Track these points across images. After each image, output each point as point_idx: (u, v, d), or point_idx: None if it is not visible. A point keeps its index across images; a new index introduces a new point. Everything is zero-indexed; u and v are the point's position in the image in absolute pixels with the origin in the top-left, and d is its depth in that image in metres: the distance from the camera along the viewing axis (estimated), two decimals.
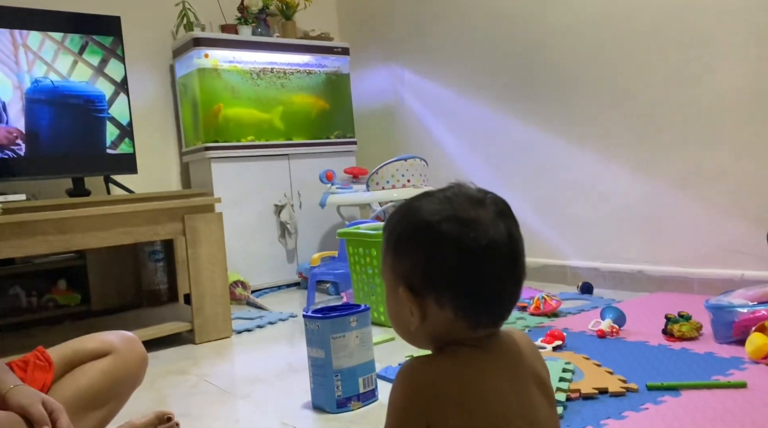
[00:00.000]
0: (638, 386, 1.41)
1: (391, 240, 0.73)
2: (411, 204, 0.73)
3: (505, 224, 0.69)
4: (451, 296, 0.68)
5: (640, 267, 2.51)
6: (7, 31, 2.55)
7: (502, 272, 0.69)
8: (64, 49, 2.69)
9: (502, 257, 0.68)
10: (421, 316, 0.70)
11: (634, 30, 2.44)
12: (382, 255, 0.75)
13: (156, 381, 1.80)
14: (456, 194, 0.71)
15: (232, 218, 2.92)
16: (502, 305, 0.71)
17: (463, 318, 0.69)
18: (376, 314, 2.24)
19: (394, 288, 0.72)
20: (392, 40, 3.56)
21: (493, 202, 0.71)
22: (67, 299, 2.58)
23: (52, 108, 2.67)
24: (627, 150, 2.52)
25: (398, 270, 0.71)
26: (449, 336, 0.71)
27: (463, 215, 0.68)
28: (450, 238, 0.67)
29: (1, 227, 1.87)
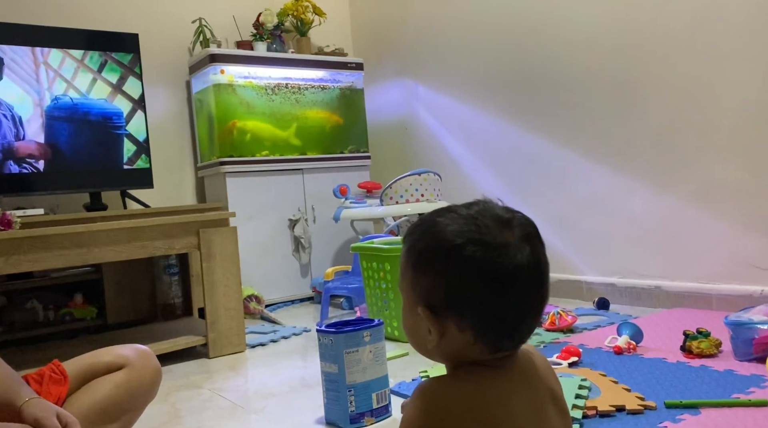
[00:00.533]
0: (656, 404, 1.39)
1: (411, 256, 0.71)
2: (434, 220, 0.70)
3: (531, 248, 0.67)
4: (472, 320, 0.66)
5: (657, 283, 2.47)
6: (29, 49, 2.60)
7: (525, 298, 0.67)
8: (83, 67, 2.74)
9: (526, 283, 0.66)
10: (439, 336, 0.68)
11: (649, 43, 2.44)
12: (401, 268, 0.73)
13: (170, 395, 1.80)
14: (482, 212, 0.69)
15: (247, 232, 2.94)
16: (523, 331, 0.69)
17: (482, 342, 0.67)
18: (390, 329, 2.23)
19: (412, 305, 0.70)
20: (406, 55, 3.58)
21: (520, 223, 0.68)
22: (84, 313, 2.60)
23: (70, 125, 2.71)
24: (643, 164, 2.51)
25: (418, 288, 0.70)
26: (467, 357, 0.69)
27: (488, 239, 0.66)
28: (474, 263, 0.65)
29: (19, 241, 1.89)
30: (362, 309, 2.54)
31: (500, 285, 0.65)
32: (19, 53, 2.58)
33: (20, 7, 2.86)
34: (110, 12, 3.09)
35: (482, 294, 0.65)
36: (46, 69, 2.65)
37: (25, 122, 2.60)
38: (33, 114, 2.62)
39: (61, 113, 2.68)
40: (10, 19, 2.67)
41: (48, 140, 2.65)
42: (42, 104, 2.64)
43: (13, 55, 2.57)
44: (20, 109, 2.59)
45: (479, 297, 0.66)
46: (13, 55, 2.57)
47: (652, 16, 2.41)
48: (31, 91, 2.62)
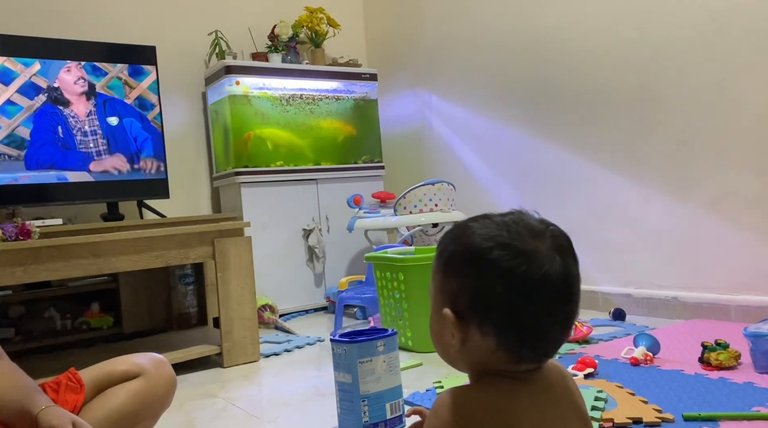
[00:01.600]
0: (674, 416, 1.37)
1: (441, 259, 0.71)
2: (466, 225, 0.71)
3: (562, 260, 0.66)
4: (494, 326, 0.66)
5: (674, 293, 2.44)
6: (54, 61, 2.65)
7: (551, 310, 0.66)
8: (101, 79, 2.78)
9: (553, 293, 0.66)
10: (462, 341, 0.68)
11: (665, 53, 2.42)
12: (432, 272, 0.73)
13: (184, 404, 1.81)
14: (515, 221, 0.69)
15: (261, 242, 2.95)
16: (547, 344, 0.68)
17: (504, 351, 0.67)
18: (404, 339, 2.22)
19: (438, 308, 0.70)
20: (419, 65, 3.60)
21: (553, 235, 0.68)
22: (100, 322, 2.63)
23: (91, 135, 2.75)
24: (659, 174, 2.49)
25: (445, 291, 0.70)
26: (489, 366, 0.69)
27: (518, 245, 0.66)
28: (500, 267, 0.65)
29: (38, 251, 1.92)
30: (376, 319, 2.54)
31: (525, 293, 0.65)
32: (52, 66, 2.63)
33: (38, 20, 2.91)
34: (128, 25, 3.14)
35: (506, 300, 0.65)
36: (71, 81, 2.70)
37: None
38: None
39: (78, 123, 2.73)
40: (28, 33, 2.72)
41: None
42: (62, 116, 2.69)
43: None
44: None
45: (503, 303, 0.65)
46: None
47: (667, 26, 2.40)
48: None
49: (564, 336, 0.69)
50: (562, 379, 0.73)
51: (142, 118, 2.88)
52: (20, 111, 2.59)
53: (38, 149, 2.62)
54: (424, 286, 2.16)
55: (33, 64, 2.62)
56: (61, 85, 2.69)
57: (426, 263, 2.19)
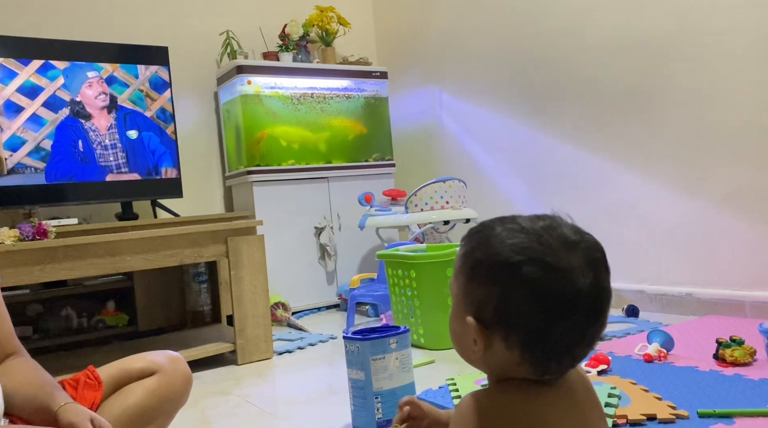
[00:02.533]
0: (689, 413, 1.36)
1: (466, 264, 0.68)
2: (494, 229, 0.67)
3: (594, 275, 0.63)
4: (520, 340, 0.64)
5: (688, 290, 2.43)
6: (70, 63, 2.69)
7: (580, 326, 0.64)
8: (114, 80, 2.81)
9: (584, 310, 0.63)
10: (485, 349, 0.66)
11: (677, 47, 2.41)
12: (455, 271, 0.70)
13: (199, 401, 1.83)
14: (548, 230, 0.65)
15: (273, 240, 2.97)
16: (574, 358, 0.66)
17: (529, 364, 0.65)
18: (416, 337, 2.23)
19: (461, 312, 0.68)
20: (430, 63, 3.60)
21: (587, 248, 0.65)
22: (116, 320, 2.66)
23: (105, 135, 2.78)
24: (673, 169, 2.47)
25: (469, 297, 0.67)
26: (511, 374, 0.67)
27: (550, 261, 0.62)
28: (531, 283, 0.62)
29: (54, 250, 1.95)
30: (388, 317, 2.54)
31: (555, 310, 0.62)
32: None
33: (49, 22, 2.95)
34: (140, 26, 3.17)
35: (535, 317, 0.63)
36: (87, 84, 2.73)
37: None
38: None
39: (93, 127, 2.76)
40: (38, 35, 2.75)
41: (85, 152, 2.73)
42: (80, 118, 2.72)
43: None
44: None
45: (531, 319, 0.63)
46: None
47: (679, 20, 2.38)
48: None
49: (589, 350, 0.67)
50: (581, 379, 0.72)
51: (161, 131, 2.90)
52: (45, 124, 2.63)
53: (58, 162, 2.66)
54: (436, 284, 2.18)
55: (57, 77, 2.66)
56: (83, 100, 2.72)
57: (438, 261, 2.19)
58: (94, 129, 2.74)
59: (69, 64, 2.69)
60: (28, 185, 2.59)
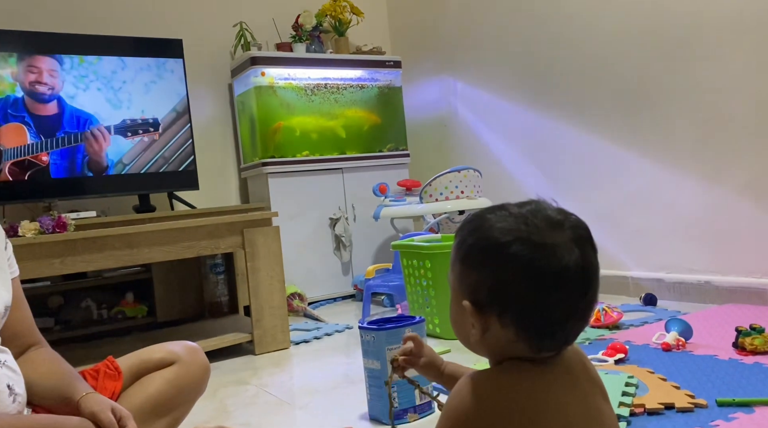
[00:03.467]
0: (708, 402, 1.35)
1: (460, 251, 0.72)
2: (484, 217, 0.71)
3: (581, 251, 0.67)
4: (514, 318, 0.67)
5: (707, 278, 2.40)
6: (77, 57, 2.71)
7: (570, 300, 0.67)
8: (129, 72, 2.83)
9: (572, 285, 0.66)
10: (482, 331, 0.70)
11: (695, 33, 2.36)
12: (451, 261, 0.75)
13: (218, 391, 1.85)
14: (533, 212, 0.69)
15: (289, 231, 2.98)
16: (567, 333, 0.69)
17: (524, 340, 0.68)
18: (432, 326, 2.23)
19: (458, 298, 0.72)
20: (444, 51, 3.57)
21: (572, 226, 0.68)
22: (135, 311, 2.70)
23: (120, 128, 2.81)
24: (691, 157, 2.43)
25: (464, 283, 0.71)
26: (509, 354, 0.70)
27: (536, 239, 0.66)
28: (520, 261, 0.66)
29: (74, 243, 1.97)
30: (403, 307, 2.55)
31: (544, 286, 0.66)
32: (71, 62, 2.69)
33: (63, 16, 2.97)
34: (154, 19, 3.19)
35: (525, 293, 0.66)
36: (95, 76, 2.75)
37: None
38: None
39: (111, 116, 2.79)
40: (54, 29, 2.78)
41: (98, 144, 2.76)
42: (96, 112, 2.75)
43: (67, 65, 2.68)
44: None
45: (522, 296, 0.66)
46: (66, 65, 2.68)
47: (695, 5, 2.34)
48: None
49: (583, 325, 0.70)
50: (578, 359, 0.74)
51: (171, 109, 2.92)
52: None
53: (77, 155, 2.69)
54: None
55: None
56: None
57: None
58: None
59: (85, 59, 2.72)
60: (47, 178, 2.62)
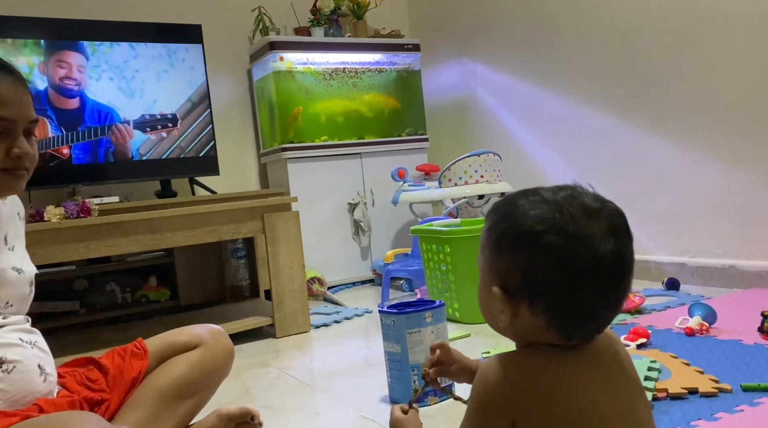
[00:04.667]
0: (732, 386, 1.34)
1: (491, 236, 0.71)
2: (516, 202, 0.70)
3: (616, 241, 0.65)
4: (545, 306, 0.66)
5: (732, 262, 2.36)
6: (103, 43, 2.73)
7: (604, 291, 0.66)
8: (149, 59, 2.85)
9: (606, 275, 0.65)
10: (512, 317, 0.69)
11: (724, 10, 2.30)
12: (481, 244, 0.73)
13: (240, 373, 1.88)
14: (569, 199, 0.67)
15: (308, 216, 3.00)
16: (599, 323, 0.68)
17: (555, 329, 0.67)
18: (451, 311, 2.23)
19: (488, 282, 0.71)
20: (463, 34, 3.53)
21: (608, 215, 0.67)
22: (158, 295, 2.74)
23: (141, 115, 2.83)
24: (716, 139, 2.39)
25: (495, 268, 0.70)
26: (539, 340, 0.69)
27: (571, 229, 0.65)
28: (553, 251, 0.65)
29: (98, 228, 2.01)
30: (422, 291, 2.55)
31: (577, 276, 0.64)
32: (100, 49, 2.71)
33: (83, 2, 2.99)
34: (173, 4, 3.19)
35: (558, 283, 0.65)
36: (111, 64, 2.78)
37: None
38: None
39: (130, 107, 2.81)
40: (73, 15, 2.79)
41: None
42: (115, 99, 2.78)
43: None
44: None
45: (555, 286, 0.65)
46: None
47: None
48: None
49: (615, 314, 0.69)
50: (611, 345, 0.73)
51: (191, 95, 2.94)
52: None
53: (100, 141, 2.72)
54: (470, 258, 2.17)
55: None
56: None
57: (472, 235, 2.19)
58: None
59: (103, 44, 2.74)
60: (69, 165, 2.66)
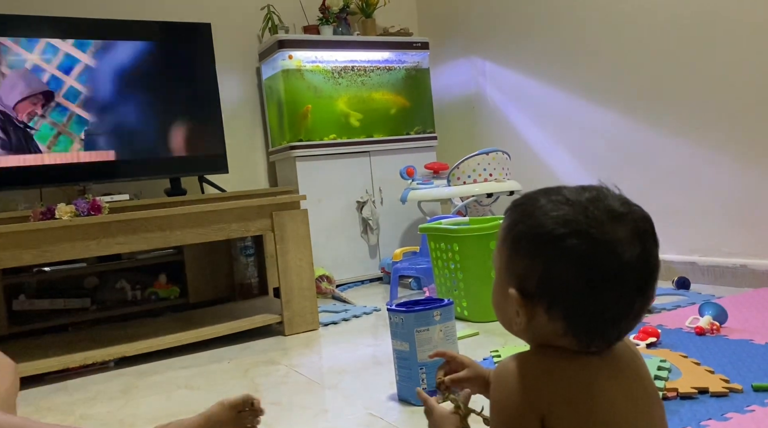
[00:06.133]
0: (743, 386, 1.33)
1: (509, 235, 0.67)
2: (537, 201, 0.66)
3: (642, 248, 0.62)
4: (563, 313, 0.63)
5: (743, 261, 2.35)
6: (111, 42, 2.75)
7: (626, 299, 0.62)
8: (159, 58, 2.86)
9: (630, 283, 0.62)
10: (528, 320, 0.66)
11: (734, 12, 2.28)
12: (498, 242, 0.70)
13: (249, 371, 1.89)
14: (594, 201, 0.63)
15: (317, 214, 3.00)
16: (620, 332, 0.65)
17: (573, 336, 0.64)
18: (460, 309, 2.23)
19: (504, 283, 0.68)
20: (472, 31, 3.52)
21: (634, 219, 0.63)
22: (167, 293, 2.75)
23: (152, 114, 2.85)
24: (727, 137, 2.37)
25: (512, 270, 0.67)
26: (555, 344, 0.66)
27: (595, 233, 0.61)
28: (575, 256, 0.61)
29: (108, 225, 2.02)
30: (431, 289, 2.55)
31: (600, 284, 0.61)
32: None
33: (91, 1, 3.00)
34: (182, 3, 3.20)
35: (579, 290, 0.61)
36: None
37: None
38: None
39: (141, 105, 2.83)
40: (84, 14, 2.81)
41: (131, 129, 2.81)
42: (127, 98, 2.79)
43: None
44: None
45: (575, 292, 0.62)
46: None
47: None
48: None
49: (636, 323, 0.66)
50: (628, 350, 0.71)
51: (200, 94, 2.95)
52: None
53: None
54: (479, 257, 2.17)
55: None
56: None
57: (481, 234, 2.18)
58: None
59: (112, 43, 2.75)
60: (81, 163, 2.68)
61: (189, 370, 1.96)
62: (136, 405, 1.67)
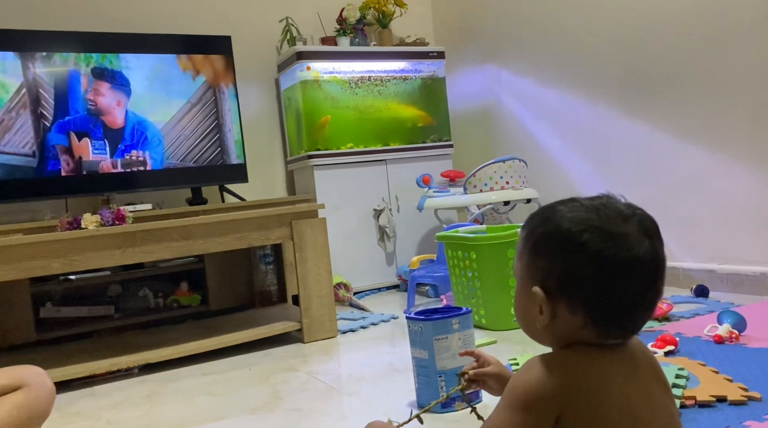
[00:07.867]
0: (762, 395, 1.33)
1: (529, 241, 0.75)
2: (555, 208, 0.74)
3: (650, 243, 0.70)
4: (583, 305, 0.70)
5: (762, 269, 2.33)
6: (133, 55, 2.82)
7: (639, 288, 0.69)
8: (181, 70, 2.92)
9: (642, 275, 0.69)
10: (551, 316, 0.72)
11: (747, 19, 2.28)
12: (518, 253, 0.77)
13: (270, 377, 1.92)
14: (604, 205, 0.72)
15: (334, 222, 3.04)
16: (635, 322, 0.72)
17: (592, 326, 0.70)
18: (477, 318, 2.24)
19: (526, 286, 0.74)
20: (488, 40, 3.55)
21: (640, 219, 0.71)
22: (189, 300, 2.80)
23: (174, 125, 2.91)
24: (743, 141, 2.36)
25: (533, 270, 0.73)
26: (575, 340, 0.72)
27: (608, 228, 0.69)
28: (590, 249, 0.68)
29: (132, 235, 2.07)
30: (448, 297, 2.57)
31: (614, 274, 0.68)
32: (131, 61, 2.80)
33: (114, 15, 3.08)
34: (202, 17, 3.28)
35: (596, 280, 0.68)
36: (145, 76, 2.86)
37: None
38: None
39: (162, 118, 2.89)
40: (104, 29, 2.88)
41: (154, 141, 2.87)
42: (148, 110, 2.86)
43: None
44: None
45: (593, 283, 0.69)
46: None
47: None
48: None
49: (649, 314, 0.72)
50: (643, 352, 0.76)
51: (220, 105, 3.00)
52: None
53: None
54: (496, 265, 2.19)
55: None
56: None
57: (498, 242, 2.19)
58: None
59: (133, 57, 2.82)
60: (104, 173, 2.75)
61: (210, 377, 2.00)
62: (162, 411, 1.71)
